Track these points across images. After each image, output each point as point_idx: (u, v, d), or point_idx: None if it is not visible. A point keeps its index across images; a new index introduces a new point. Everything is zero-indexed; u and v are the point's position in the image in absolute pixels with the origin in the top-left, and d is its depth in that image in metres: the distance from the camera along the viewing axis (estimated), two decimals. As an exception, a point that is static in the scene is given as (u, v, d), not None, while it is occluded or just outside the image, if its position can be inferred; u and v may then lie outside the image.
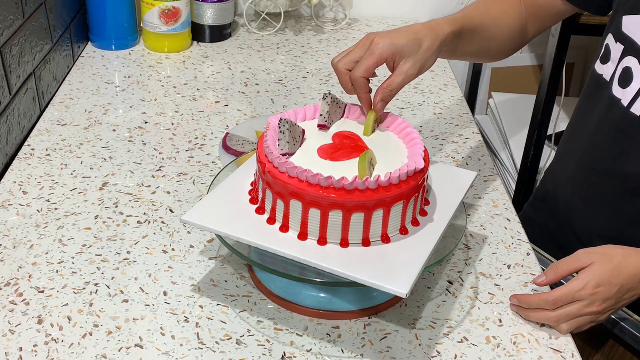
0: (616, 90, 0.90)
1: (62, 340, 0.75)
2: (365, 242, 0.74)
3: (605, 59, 0.93)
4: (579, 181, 0.98)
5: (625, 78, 0.89)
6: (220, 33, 1.50)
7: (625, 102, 0.89)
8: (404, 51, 0.83)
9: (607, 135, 0.93)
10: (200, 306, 0.80)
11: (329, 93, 0.83)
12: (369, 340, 0.77)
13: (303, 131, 0.80)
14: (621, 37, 0.90)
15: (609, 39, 0.93)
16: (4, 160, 1.04)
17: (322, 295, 0.80)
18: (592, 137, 0.96)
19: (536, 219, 1.04)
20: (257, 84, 1.33)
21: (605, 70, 0.93)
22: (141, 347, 0.74)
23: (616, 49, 0.91)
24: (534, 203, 1.12)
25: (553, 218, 1.04)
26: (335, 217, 0.72)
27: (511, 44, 1.02)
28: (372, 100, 0.84)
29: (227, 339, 0.76)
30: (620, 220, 0.93)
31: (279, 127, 0.77)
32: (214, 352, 0.74)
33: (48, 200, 0.96)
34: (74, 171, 1.03)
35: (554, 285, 0.81)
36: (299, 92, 1.31)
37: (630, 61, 0.88)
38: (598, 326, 0.82)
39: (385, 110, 0.85)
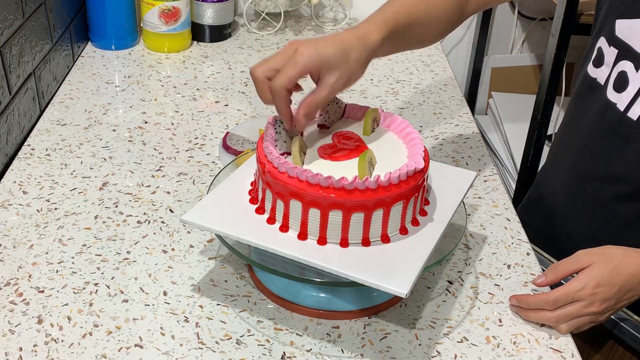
0: (611, 95, 0.90)
1: (62, 340, 0.75)
2: (365, 242, 0.74)
3: (598, 63, 0.93)
4: (573, 185, 0.98)
5: (621, 82, 0.88)
6: (220, 33, 1.50)
7: (621, 107, 0.88)
8: (331, 62, 0.76)
9: (601, 139, 0.93)
10: (200, 306, 0.80)
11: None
12: (369, 340, 0.77)
13: (301, 132, 0.80)
14: (615, 42, 0.89)
15: (602, 43, 0.92)
16: (4, 160, 1.04)
17: (322, 295, 0.80)
18: (586, 140, 0.96)
19: (531, 223, 1.04)
20: (257, 84, 1.32)
21: (599, 74, 0.93)
22: (141, 347, 0.74)
23: (610, 53, 0.90)
24: (528, 206, 1.12)
25: (549, 222, 1.04)
26: (335, 217, 0.72)
27: (446, 26, 0.94)
28: (295, 114, 0.78)
29: (227, 339, 0.76)
30: (615, 224, 0.93)
31: (275, 128, 0.77)
32: (214, 352, 0.74)
33: (48, 200, 0.96)
34: (74, 171, 1.03)
35: (554, 286, 0.81)
36: (299, 92, 1.30)
37: (625, 65, 0.88)
38: (598, 326, 0.82)
39: (385, 110, 0.85)
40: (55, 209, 0.95)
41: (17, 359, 0.72)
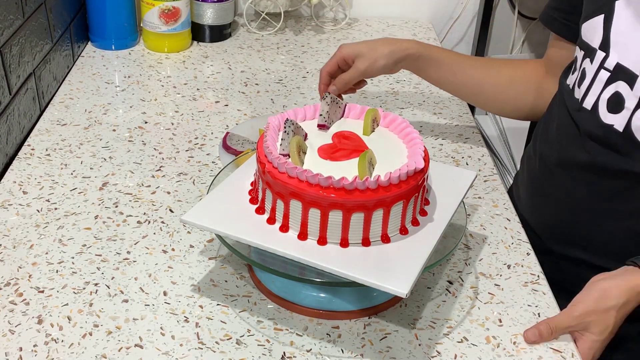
0: (576, 91, 0.93)
1: (62, 340, 0.75)
2: (365, 242, 0.74)
3: (573, 70, 0.96)
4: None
5: (582, 78, 0.92)
6: (220, 33, 1.50)
7: (579, 97, 0.92)
8: (360, 53, 1.04)
9: (562, 128, 0.96)
10: (200, 306, 0.80)
11: (329, 93, 0.83)
12: (369, 340, 0.77)
13: (306, 134, 0.80)
14: (581, 44, 0.94)
15: (577, 51, 0.96)
16: (4, 160, 1.04)
17: (322, 295, 0.80)
18: (544, 125, 1.02)
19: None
20: (257, 84, 1.33)
21: (572, 80, 0.96)
22: (141, 347, 0.74)
23: (579, 57, 0.94)
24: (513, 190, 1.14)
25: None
26: (335, 217, 0.72)
27: (518, 91, 1.09)
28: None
29: (227, 339, 0.76)
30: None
31: (285, 128, 0.77)
32: (214, 352, 0.74)
33: (48, 200, 0.96)
34: (74, 171, 1.03)
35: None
36: (299, 92, 1.31)
37: (586, 63, 0.91)
38: None
39: (385, 110, 0.85)
40: (55, 209, 0.95)
41: (17, 359, 0.72)
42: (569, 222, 0.95)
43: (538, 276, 0.87)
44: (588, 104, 0.90)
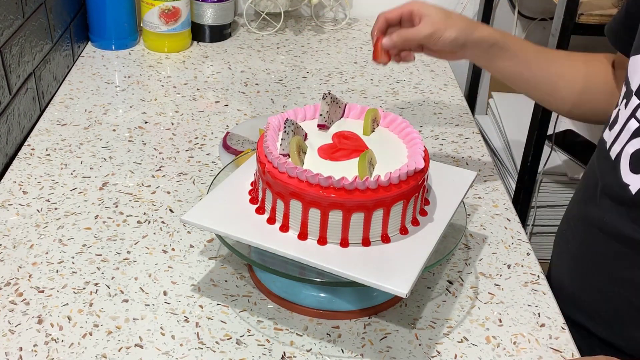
0: (605, 133, 0.86)
1: (62, 340, 0.75)
2: (366, 242, 0.74)
3: (616, 104, 0.86)
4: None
5: (614, 120, 0.84)
6: (220, 33, 1.50)
7: (607, 145, 0.84)
8: (429, 13, 0.88)
9: (586, 178, 0.90)
10: (200, 306, 0.80)
11: (329, 93, 0.83)
12: (369, 340, 0.77)
13: (306, 134, 0.80)
14: (626, 80, 0.84)
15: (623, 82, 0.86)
16: (4, 160, 1.04)
17: (322, 295, 0.80)
18: (578, 187, 0.94)
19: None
20: (257, 84, 1.33)
21: (614, 113, 0.86)
22: (141, 347, 0.74)
23: (622, 92, 0.85)
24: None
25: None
26: (335, 217, 0.72)
27: (594, 95, 0.95)
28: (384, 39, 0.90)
29: (227, 339, 0.76)
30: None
31: (285, 128, 0.77)
32: (214, 352, 0.74)
33: (48, 200, 0.96)
34: (74, 171, 1.03)
35: None
36: (299, 92, 1.31)
37: (622, 105, 0.83)
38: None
39: (385, 110, 0.85)
40: (55, 209, 0.95)
41: (17, 359, 0.72)
42: (577, 283, 0.90)
43: (538, 276, 0.87)
44: (613, 152, 0.81)
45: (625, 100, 0.82)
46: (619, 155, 0.81)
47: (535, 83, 0.96)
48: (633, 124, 0.78)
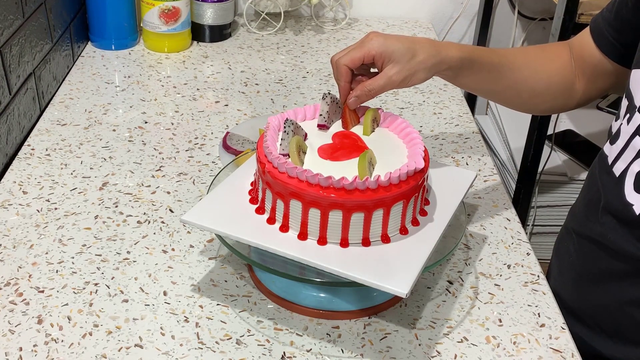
0: (606, 147, 0.85)
1: (62, 340, 0.75)
2: (365, 242, 0.74)
3: (617, 116, 0.86)
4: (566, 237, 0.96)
5: (616, 135, 0.83)
6: (220, 33, 1.50)
7: (609, 160, 0.83)
8: (394, 55, 0.80)
9: (587, 191, 0.89)
10: (200, 306, 0.80)
11: (329, 93, 0.83)
12: (369, 340, 0.77)
13: (305, 134, 0.80)
14: (627, 93, 0.83)
15: (623, 97, 0.85)
16: (4, 160, 1.04)
17: (322, 295, 0.80)
18: (580, 198, 0.93)
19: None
20: (257, 84, 1.33)
21: (614, 127, 0.85)
22: (141, 347, 0.74)
23: (623, 105, 0.84)
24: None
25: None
26: (335, 217, 0.72)
27: (551, 97, 0.95)
28: (349, 94, 0.82)
29: (227, 339, 0.76)
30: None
31: (284, 128, 0.77)
32: (214, 352, 0.74)
33: (48, 200, 0.96)
34: (74, 171, 1.03)
35: None
36: (299, 92, 1.31)
37: (624, 121, 0.82)
38: None
39: (385, 110, 0.85)
40: (55, 209, 0.95)
41: (17, 359, 0.72)
42: (579, 296, 0.89)
43: (538, 276, 0.87)
44: (617, 169, 0.80)
45: (628, 115, 0.81)
46: (623, 173, 0.80)
47: (497, 93, 0.95)
48: (638, 142, 0.78)
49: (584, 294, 0.89)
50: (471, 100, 1.89)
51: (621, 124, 0.82)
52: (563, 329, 0.80)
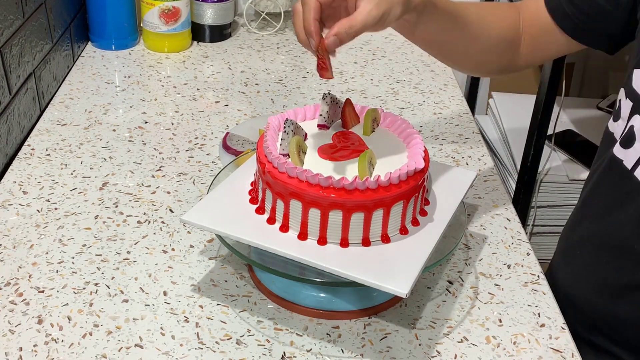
0: (618, 151, 0.83)
1: (62, 340, 0.75)
2: (365, 242, 0.74)
3: (617, 117, 0.85)
4: (568, 246, 0.95)
5: (628, 138, 0.81)
6: (220, 33, 1.50)
7: (628, 164, 0.81)
8: None
9: (604, 197, 0.87)
10: (200, 306, 0.80)
11: (329, 93, 0.83)
12: (369, 340, 0.77)
13: (305, 134, 0.80)
14: (631, 93, 0.81)
15: (621, 94, 0.84)
16: (4, 160, 1.04)
17: (322, 295, 0.80)
18: (587, 197, 0.92)
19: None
20: (257, 84, 1.33)
21: (616, 128, 0.85)
22: (141, 347, 0.74)
23: (626, 106, 0.82)
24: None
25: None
26: (335, 217, 0.72)
27: (497, 56, 0.94)
28: (326, 35, 0.72)
29: (227, 339, 0.76)
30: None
31: (284, 128, 0.77)
32: (214, 352, 0.74)
33: (48, 200, 0.96)
34: (74, 171, 1.03)
35: None
36: (299, 92, 1.31)
37: (636, 120, 0.80)
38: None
39: (385, 110, 0.85)
40: (55, 209, 0.95)
41: (17, 359, 0.72)
42: (596, 306, 0.89)
43: (538, 276, 0.87)
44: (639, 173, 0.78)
45: (637, 116, 0.80)
46: None
47: (446, 49, 0.92)
48: None
49: (603, 303, 0.87)
50: (471, 100, 1.90)
51: (632, 125, 0.80)
52: (563, 329, 0.80)
